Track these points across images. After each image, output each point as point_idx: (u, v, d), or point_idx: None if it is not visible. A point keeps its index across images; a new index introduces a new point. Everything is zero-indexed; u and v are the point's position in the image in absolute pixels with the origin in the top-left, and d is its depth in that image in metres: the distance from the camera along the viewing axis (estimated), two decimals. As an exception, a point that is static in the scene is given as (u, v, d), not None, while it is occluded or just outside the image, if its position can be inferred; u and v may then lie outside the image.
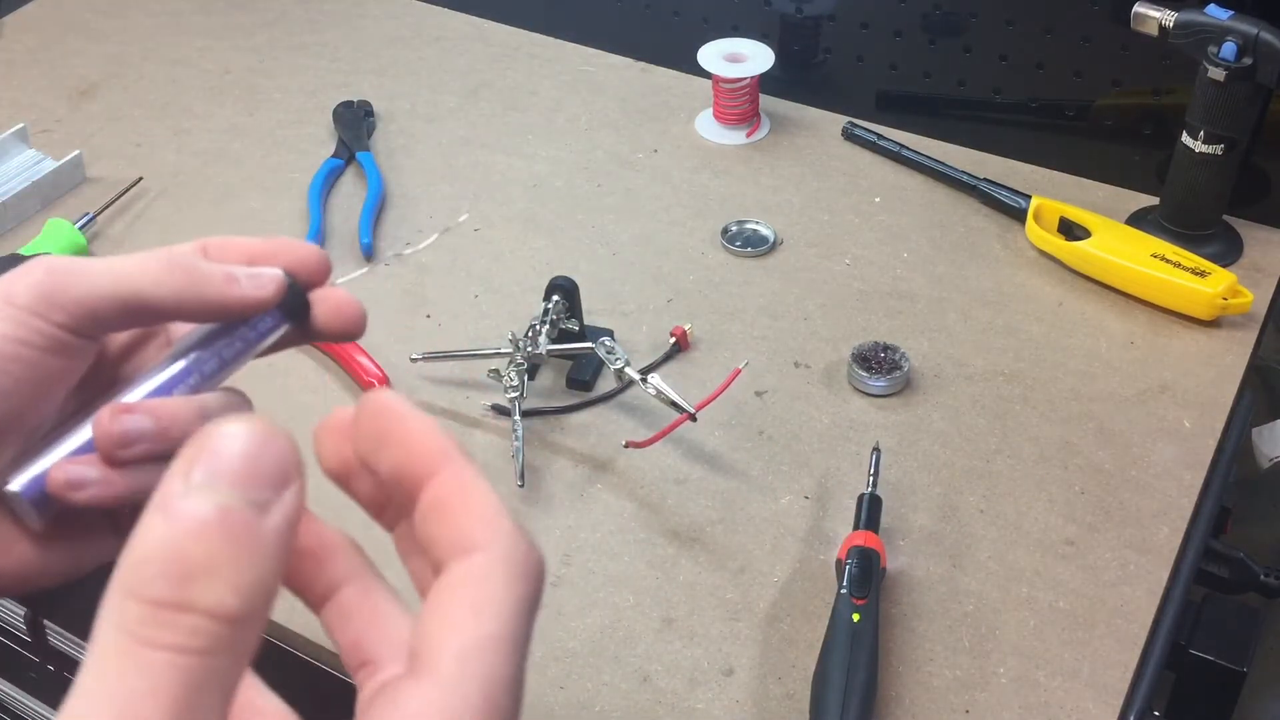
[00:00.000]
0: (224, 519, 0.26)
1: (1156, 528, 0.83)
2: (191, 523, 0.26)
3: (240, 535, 0.26)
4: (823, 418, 0.91)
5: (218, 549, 0.26)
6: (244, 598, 0.26)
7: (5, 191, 1.11)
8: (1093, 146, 1.14)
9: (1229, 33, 0.93)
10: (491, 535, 0.30)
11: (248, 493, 0.27)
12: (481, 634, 0.29)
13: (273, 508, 0.27)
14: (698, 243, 1.07)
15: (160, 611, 0.25)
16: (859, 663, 0.71)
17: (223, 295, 0.44)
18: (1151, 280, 0.97)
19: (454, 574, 0.30)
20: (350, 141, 1.19)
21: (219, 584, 0.25)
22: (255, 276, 0.44)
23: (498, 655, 0.29)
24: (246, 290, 0.44)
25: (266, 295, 0.44)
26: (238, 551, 0.26)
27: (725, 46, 1.17)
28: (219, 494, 0.26)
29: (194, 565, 0.25)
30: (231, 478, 0.27)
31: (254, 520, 0.26)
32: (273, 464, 0.28)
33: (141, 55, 1.34)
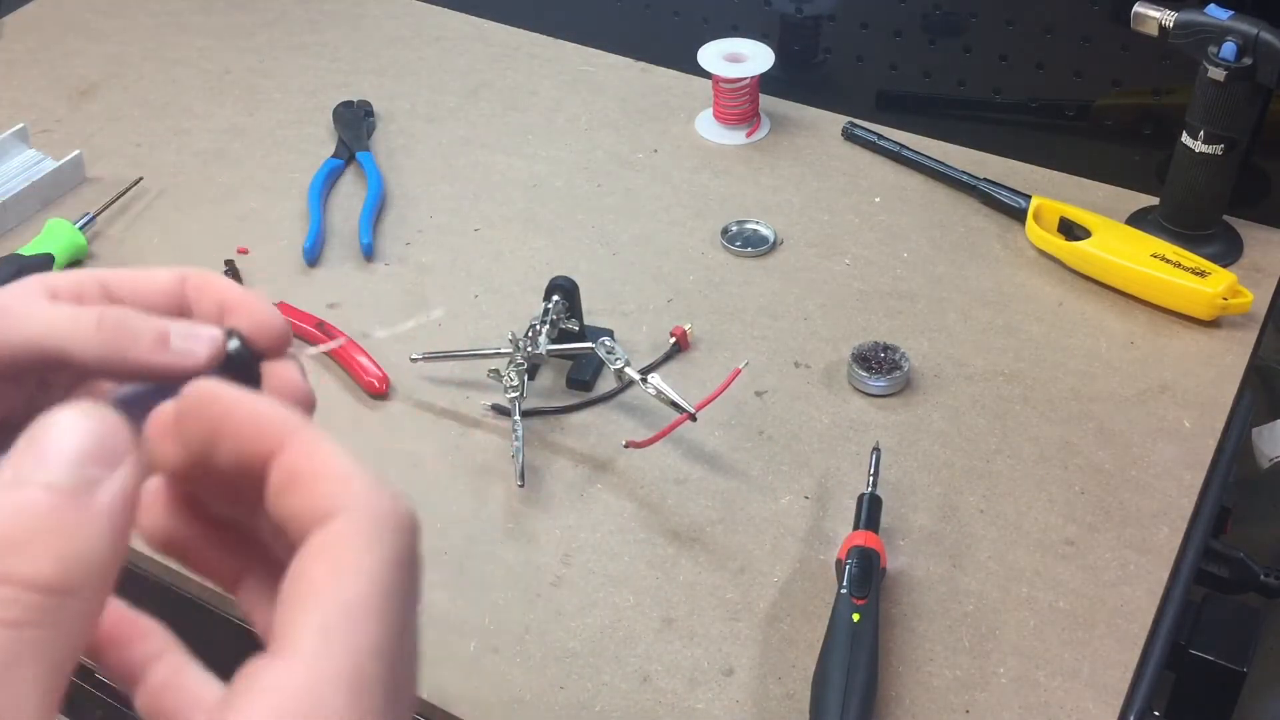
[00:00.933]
0: (46, 496, 0.26)
1: (1156, 528, 0.83)
2: (14, 501, 0.26)
3: (63, 509, 0.26)
4: (823, 418, 0.91)
5: (38, 522, 0.26)
6: (65, 567, 0.26)
7: (5, 191, 1.11)
8: (1093, 146, 1.14)
9: (1229, 33, 0.93)
10: (346, 495, 0.29)
11: (75, 472, 0.27)
12: (343, 599, 0.27)
13: (102, 485, 0.27)
14: (698, 243, 1.07)
15: None
16: (859, 663, 0.71)
17: (147, 361, 0.40)
18: (1151, 280, 0.97)
19: (311, 544, 0.29)
20: (350, 141, 1.19)
21: (37, 555, 0.25)
22: (190, 338, 0.40)
23: (365, 621, 0.27)
24: (173, 360, 0.40)
25: (194, 365, 0.40)
26: (60, 524, 0.26)
27: (725, 46, 1.17)
28: (46, 475, 0.27)
29: (12, 538, 0.25)
30: (58, 459, 0.27)
31: (78, 496, 0.27)
32: (100, 444, 0.28)
33: (141, 55, 1.34)
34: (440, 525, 0.85)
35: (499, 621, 0.79)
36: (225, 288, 0.43)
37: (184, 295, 0.44)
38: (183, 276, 0.44)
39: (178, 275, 0.44)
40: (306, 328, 0.99)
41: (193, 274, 0.44)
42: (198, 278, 0.44)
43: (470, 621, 0.79)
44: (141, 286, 0.45)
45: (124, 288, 0.45)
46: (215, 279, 0.44)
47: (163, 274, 0.45)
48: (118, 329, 0.39)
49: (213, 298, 0.43)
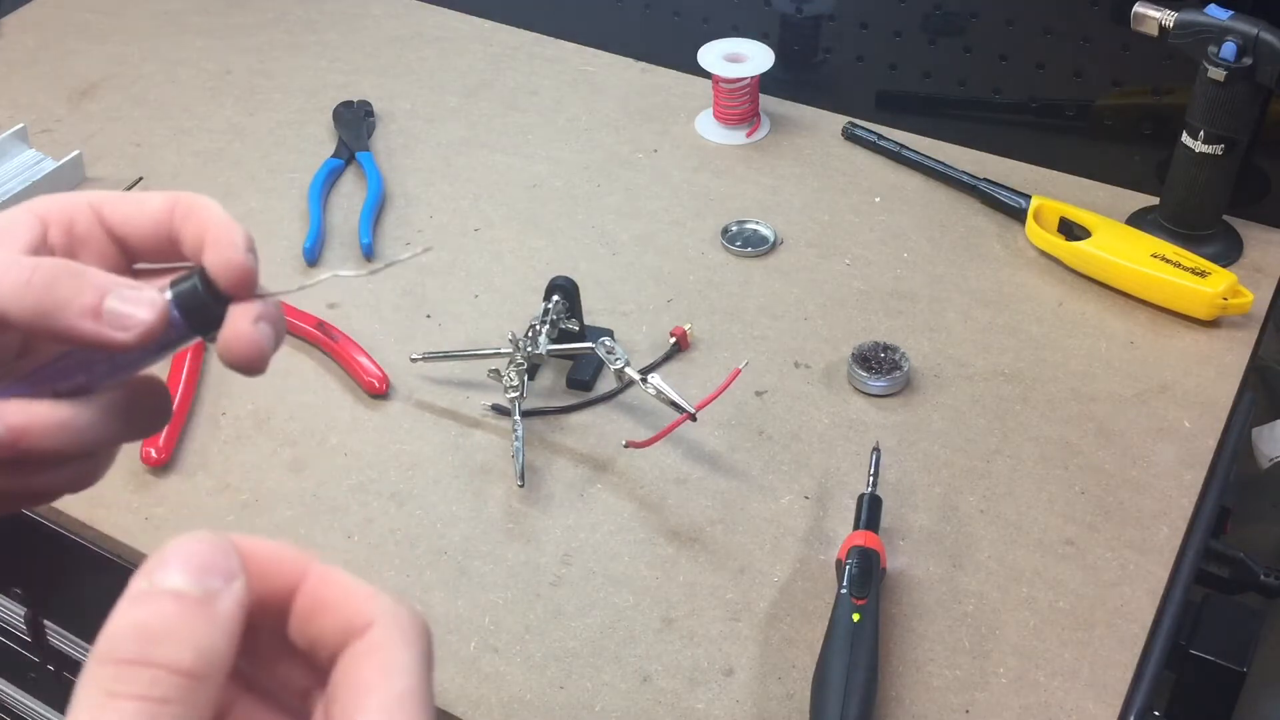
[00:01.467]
0: (180, 598, 0.31)
1: (1156, 528, 0.83)
2: (154, 602, 0.31)
3: (194, 611, 0.31)
4: (823, 418, 0.91)
5: (175, 620, 0.31)
6: (197, 656, 0.30)
7: (5, 191, 1.11)
8: (1093, 146, 1.14)
9: (1229, 33, 0.93)
10: (377, 609, 0.33)
11: (201, 582, 0.32)
12: (395, 691, 0.32)
13: (222, 594, 0.32)
14: (698, 243, 1.07)
15: (126, 668, 0.30)
16: (859, 663, 0.71)
17: (74, 327, 0.40)
18: (1151, 280, 0.97)
19: (355, 650, 0.33)
20: (350, 141, 1.19)
21: (175, 645, 0.30)
22: (130, 302, 0.40)
23: (415, 707, 0.32)
24: (103, 332, 0.40)
25: (127, 340, 0.40)
26: (193, 622, 0.31)
27: (725, 46, 1.17)
28: (178, 583, 0.31)
29: (155, 632, 0.30)
30: (187, 572, 0.32)
31: (206, 601, 0.31)
32: (220, 563, 0.32)
33: (141, 55, 1.34)
34: (440, 525, 0.85)
35: (499, 621, 0.79)
36: (208, 216, 0.44)
37: (173, 225, 0.45)
38: (174, 202, 0.45)
39: (169, 201, 0.45)
40: (306, 328, 0.99)
41: (182, 199, 0.45)
42: (185, 204, 0.45)
43: (470, 621, 0.79)
44: (133, 211, 0.45)
45: (117, 214, 0.45)
46: (201, 205, 0.44)
47: (155, 200, 0.45)
48: (48, 289, 0.40)
49: (196, 227, 0.44)
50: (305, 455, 0.90)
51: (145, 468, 0.89)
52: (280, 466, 0.89)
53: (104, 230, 0.46)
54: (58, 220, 0.45)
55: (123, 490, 0.88)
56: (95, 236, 0.46)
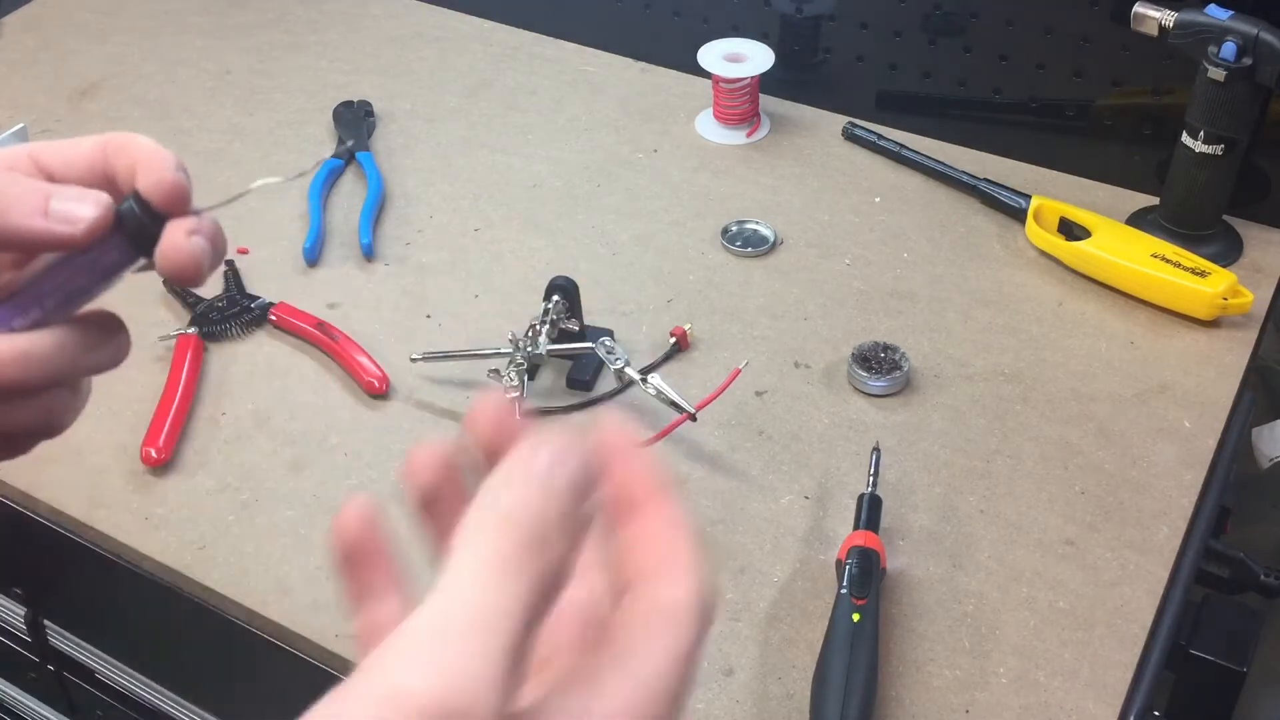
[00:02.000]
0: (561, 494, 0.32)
1: (1156, 528, 0.83)
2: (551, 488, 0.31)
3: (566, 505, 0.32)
4: (823, 418, 0.91)
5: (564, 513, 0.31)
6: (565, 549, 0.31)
7: (5, 191, 1.11)
8: (1093, 146, 1.14)
9: (1229, 33, 0.93)
10: (694, 577, 0.34)
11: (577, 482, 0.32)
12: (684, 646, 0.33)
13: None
14: (698, 243, 1.07)
15: (530, 549, 0.30)
16: (859, 663, 0.71)
17: (24, 225, 0.42)
18: (1151, 280, 0.97)
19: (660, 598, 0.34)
20: (350, 141, 1.19)
21: (563, 540, 0.31)
22: (73, 200, 0.42)
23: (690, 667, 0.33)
24: (53, 227, 0.42)
25: (74, 233, 0.42)
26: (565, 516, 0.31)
27: (725, 46, 1.17)
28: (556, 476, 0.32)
29: (551, 523, 0.31)
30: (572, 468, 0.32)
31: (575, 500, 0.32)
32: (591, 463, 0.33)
33: (141, 55, 1.34)
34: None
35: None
36: (138, 146, 0.45)
37: (107, 163, 0.46)
38: (105, 141, 0.46)
39: (101, 141, 0.46)
40: (306, 328, 0.99)
41: (113, 138, 0.46)
42: (116, 140, 0.46)
43: (470, 621, 0.79)
44: (68, 153, 0.46)
45: (52, 157, 0.46)
46: (132, 140, 0.45)
47: (87, 142, 0.46)
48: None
49: (127, 160, 0.45)
50: (305, 455, 0.90)
51: (145, 468, 0.89)
52: (280, 466, 0.89)
53: (43, 175, 0.46)
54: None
55: (123, 490, 0.88)
56: None
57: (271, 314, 1.00)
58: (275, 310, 1.00)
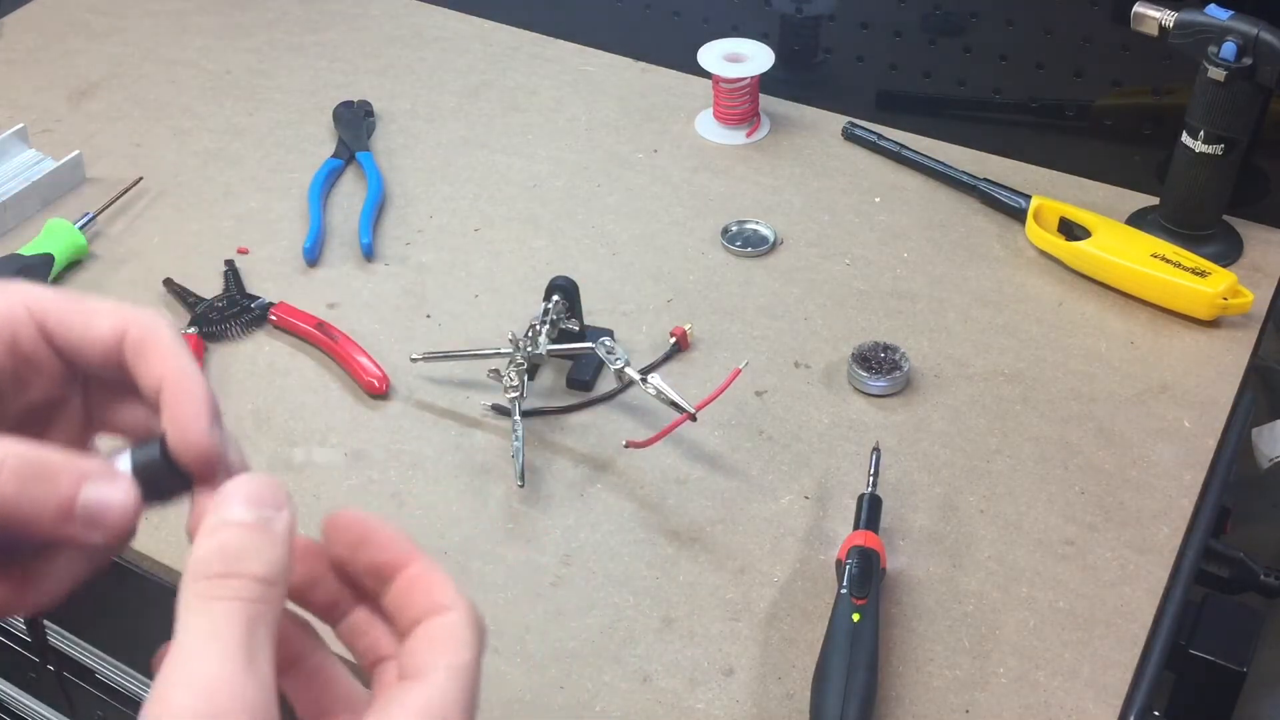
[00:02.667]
0: (244, 525, 0.39)
1: (1156, 528, 0.83)
2: (226, 530, 0.39)
3: (260, 532, 0.39)
4: (823, 418, 0.91)
5: (249, 541, 0.39)
6: (270, 567, 0.39)
7: (5, 191, 1.11)
8: (1093, 146, 1.14)
9: (1229, 33, 0.93)
10: (460, 602, 0.43)
11: (259, 512, 0.40)
12: (463, 660, 0.41)
13: (276, 519, 0.40)
14: (698, 243, 1.07)
15: (217, 581, 0.38)
16: (859, 663, 0.71)
17: (49, 532, 0.40)
18: (1151, 280, 0.97)
19: (436, 622, 0.42)
20: (350, 141, 1.19)
21: (253, 559, 0.39)
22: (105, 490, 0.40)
23: (472, 679, 0.41)
24: (76, 532, 0.40)
25: (99, 542, 0.41)
26: (261, 541, 0.39)
27: (725, 46, 1.17)
28: (241, 515, 0.39)
29: (235, 551, 0.39)
30: (247, 505, 0.40)
31: (264, 525, 0.39)
32: (271, 495, 0.40)
33: (141, 55, 1.34)
34: (440, 525, 0.85)
35: (499, 621, 0.79)
36: (163, 362, 0.43)
37: (123, 355, 0.44)
38: (122, 333, 0.44)
39: (118, 328, 0.44)
40: (306, 328, 0.99)
41: (132, 329, 0.44)
42: (136, 339, 0.44)
43: (470, 621, 0.79)
44: (80, 337, 0.44)
45: (62, 334, 0.44)
46: (153, 343, 0.43)
47: (104, 325, 0.44)
48: (18, 496, 0.39)
49: (151, 373, 0.43)
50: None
51: (145, 468, 0.89)
52: (280, 467, 0.89)
53: (50, 347, 0.45)
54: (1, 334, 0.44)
55: (123, 490, 0.88)
56: (41, 355, 0.45)
57: (271, 314, 1.00)
58: (275, 310, 1.00)
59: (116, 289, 1.05)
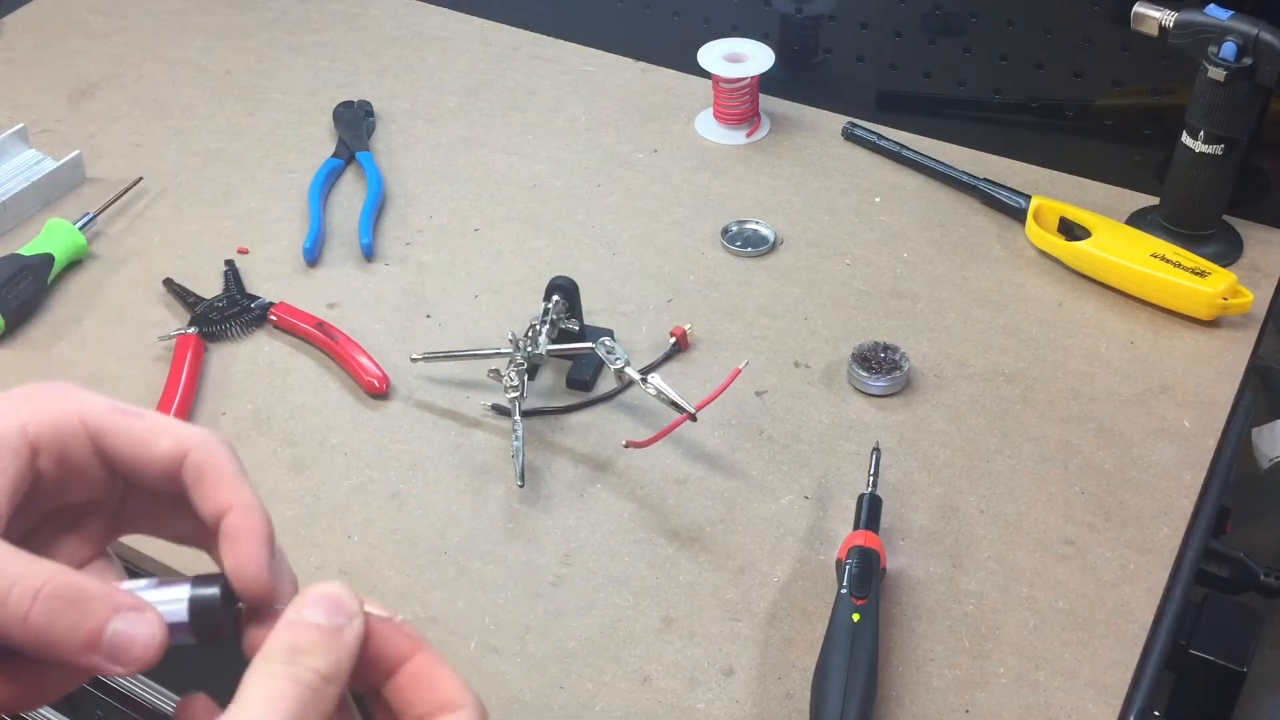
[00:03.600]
0: (320, 628, 0.42)
1: (1156, 528, 0.83)
2: (304, 629, 0.42)
3: (331, 636, 0.42)
4: (823, 418, 0.91)
5: (320, 641, 0.41)
6: (330, 666, 0.41)
7: (5, 191, 1.11)
8: (1093, 146, 1.14)
9: (1229, 33, 0.93)
10: (468, 698, 0.44)
11: (334, 619, 0.42)
12: None
13: (348, 628, 0.42)
14: (698, 243, 1.07)
15: (283, 665, 0.41)
16: (859, 663, 0.71)
17: (72, 660, 0.41)
18: (1151, 280, 0.97)
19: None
20: (350, 141, 1.19)
21: (320, 658, 0.41)
22: (126, 642, 0.41)
23: None
24: (100, 663, 0.41)
25: (121, 672, 0.41)
26: (330, 644, 0.42)
27: (725, 46, 1.17)
28: (318, 617, 0.42)
29: (306, 647, 0.41)
30: (323, 610, 0.42)
31: (336, 631, 0.42)
32: (346, 604, 0.43)
33: (141, 55, 1.34)
34: (440, 525, 0.85)
35: (499, 621, 0.79)
36: (226, 491, 0.44)
37: (183, 478, 0.44)
38: (183, 455, 0.44)
39: (177, 454, 0.44)
40: (307, 328, 0.99)
41: (193, 455, 0.44)
42: (197, 466, 0.44)
43: (470, 621, 0.79)
44: (137, 457, 0.44)
45: (119, 452, 0.44)
46: (214, 471, 0.44)
47: (164, 446, 0.44)
48: (48, 626, 0.40)
49: (212, 500, 0.44)
50: (305, 455, 0.90)
51: (145, 468, 0.89)
52: (280, 466, 0.89)
53: (99, 460, 0.45)
54: (49, 447, 0.43)
55: (123, 490, 0.88)
56: (90, 466, 0.45)
57: (271, 314, 1.00)
58: (275, 310, 1.00)
59: (116, 289, 1.05)
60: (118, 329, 1.01)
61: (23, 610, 0.39)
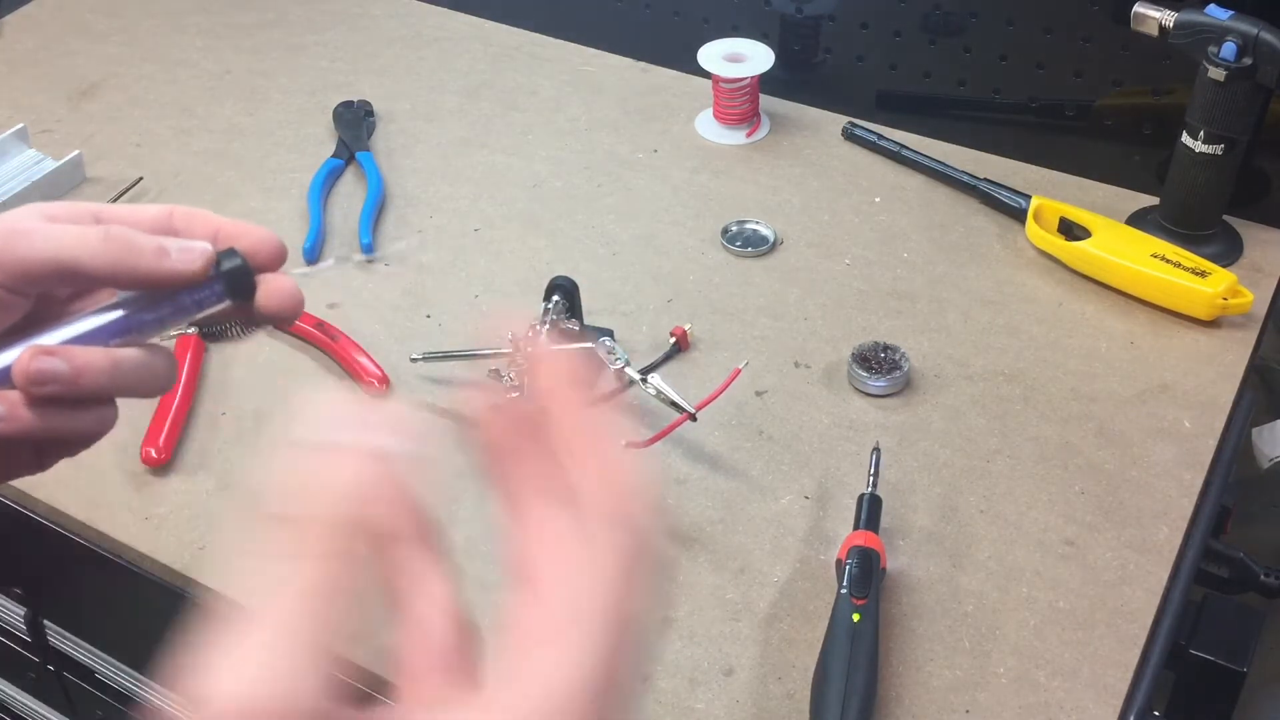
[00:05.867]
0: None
1: (1156, 528, 0.83)
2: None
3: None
4: (823, 418, 0.91)
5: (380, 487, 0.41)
6: None
7: (5, 191, 1.11)
8: (1093, 146, 1.14)
9: (1229, 33, 0.93)
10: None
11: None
12: None
13: None
14: (698, 243, 1.07)
15: None
16: (859, 663, 0.71)
17: (152, 269, 0.47)
18: (1151, 280, 0.97)
19: None
20: (350, 141, 1.19)
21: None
22: (186, 250, 0.48)
23: None
24: (175, 264, 0.48)
25: (193, 270, 0.48)
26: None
27: (725, 46, 1.17)
28: None
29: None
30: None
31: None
32: None
33: (141, 55, 1.34)
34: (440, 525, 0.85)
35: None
36: (213, 218, 0.51)
37: (172, 227, 0.50)
38: (170, 210, 0.51)
39: (165, 209, 0.51)
40: (307, 328, 0.99)
41: (180, 208, 0.51)
42: (185, 212, 0.51)
43: (470, 621, 0.79)
44: (130, 218, 0.50)
45: (114, 218, 0.50)
46: (203, 212, 0.51)
47: (151, 208, 0.51)
48: (124, 243, 0.47)
49: (204, 226, 0.50)
50: (305, 455, 0.90)
51: (145, 468, 0.89)
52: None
53: None
54: (63, 217, 0.48)
55: (123, 490, 0.88)
56: None
57: (271, 314, 1.00)
58: (275, 310, 1.00)
59: (116, 289, 1.05)
60: (118, 329, 1.01)
61: (101, 236, 0.47)
